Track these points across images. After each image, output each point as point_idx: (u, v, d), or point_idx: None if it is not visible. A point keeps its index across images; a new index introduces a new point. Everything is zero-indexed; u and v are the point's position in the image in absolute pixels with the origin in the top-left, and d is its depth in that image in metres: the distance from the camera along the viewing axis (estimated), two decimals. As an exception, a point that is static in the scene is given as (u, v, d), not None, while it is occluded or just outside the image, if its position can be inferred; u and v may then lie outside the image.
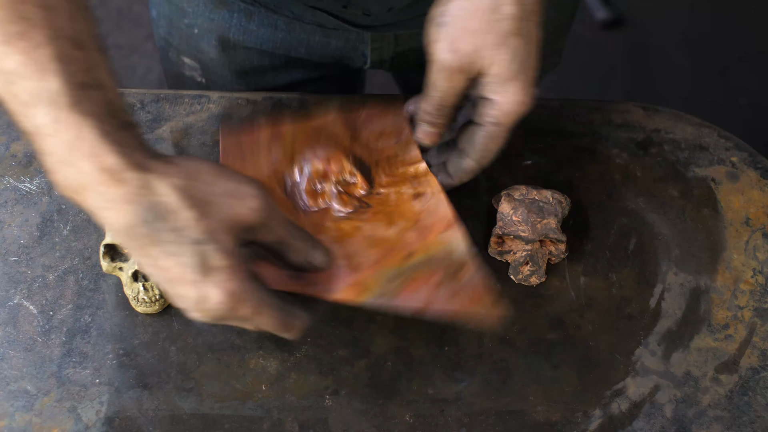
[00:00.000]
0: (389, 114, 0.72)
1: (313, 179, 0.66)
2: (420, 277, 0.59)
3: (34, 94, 0.49)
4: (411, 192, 0.66)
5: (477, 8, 0.60)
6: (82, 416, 0.59)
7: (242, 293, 0.51)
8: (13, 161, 0.73)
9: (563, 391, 0.61)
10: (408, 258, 0.61)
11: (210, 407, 0.59)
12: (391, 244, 0.62)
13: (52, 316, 0.64)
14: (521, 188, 0.68)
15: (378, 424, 0.59)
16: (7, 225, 0.69)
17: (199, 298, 0.51)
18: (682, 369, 0.62)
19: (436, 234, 0.62)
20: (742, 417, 0.59)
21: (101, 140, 0.50)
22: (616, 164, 0.73)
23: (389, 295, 0.58)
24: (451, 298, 0.58)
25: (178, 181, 0.52)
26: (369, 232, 0.63)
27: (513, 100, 0.60)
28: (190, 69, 0.88)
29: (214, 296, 0.51)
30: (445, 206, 0.64)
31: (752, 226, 0.69)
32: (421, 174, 0.67)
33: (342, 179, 0.66)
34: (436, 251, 0.61)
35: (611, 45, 1.95)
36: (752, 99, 1.87)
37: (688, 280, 0.66)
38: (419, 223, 0.63)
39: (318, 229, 0.64)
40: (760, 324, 0.64)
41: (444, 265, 0.60)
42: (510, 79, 0.60)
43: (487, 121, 0.61)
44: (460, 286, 0.59)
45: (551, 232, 0.65)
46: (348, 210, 0.65)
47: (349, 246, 0.62)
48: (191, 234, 0.51)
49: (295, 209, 0.66)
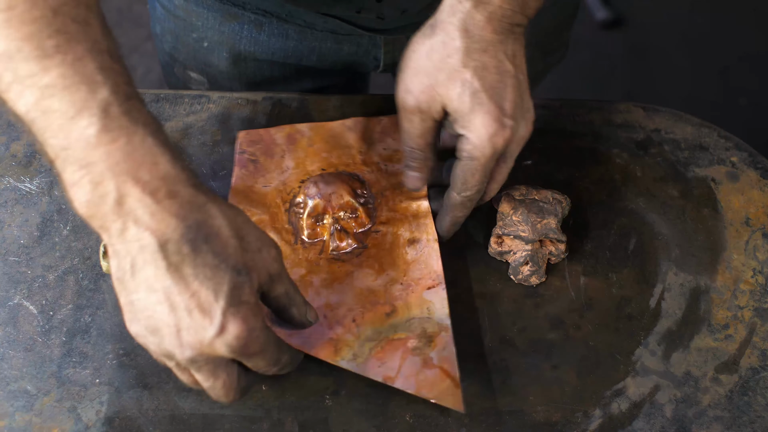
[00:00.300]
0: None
1: (313, 213, 0.67)
2: (396, 340, 0.60)
3: (80, 106, 0.48)
4: (407, 236, 0.67)
5: (431, 48, 0.60)
6: (82, 416, 0.59)
7: (259, 331, 0.51)
8: (13, 161, 0.73)
9: (563, 391, 0.61)
10: (389, 316, 0.62)
11: (210, 407, 0.59)
12: (376, 298, 0.63)
13: (52, 316, 0.64)
14: (521, 188, 0.68)
15: (378, 424, 0.59)
16: (7, 225, 0.69)
17: (219, 328, 0.50)
18: (682, 369, 0.62)
19: (422, 290, 0.63)
20: (742, 417, 0.59)
21: (157, 149, 0.50)
22: (616, 164, 0.73)
23: (363, 357, 0.60)
24: (422, 368, 0.59)
25: (227, 209, 0.52)
26: (358, 280, 0.64)
27: (480, 134, 0.59)
28: (197, 83, 0.89)
29: (235, 329, 0.50)
30: (436, 259, 0.65)
31: (752, 226, 0.69)
32: (422, 214, 0.68)
33: (343, 215, 0.67)
34: (417, 312, 0.62)
35: (611, 45, 1.95)
36: (752, 99, 1.87)
37: (688, 280, 0.66)
38: (408, 275, 0.64)
39: (311, 265, 0.65)
40: (760, 324, 0.64)
41: (421, 330, 0.61)
42: (470, 112, 0.59)
43: (463, 155, 0.61)
44: (432, 355, 0.59)
45: (551, 232, 0.65)
46: (343, 249, 0.66)
47: (335, 293, 0.63)
48: (233, 263, 0.51)
49: (293, 235, 0.67)
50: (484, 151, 0.59)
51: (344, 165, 0.71)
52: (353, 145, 0.73)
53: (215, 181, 0.71)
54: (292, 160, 0.72)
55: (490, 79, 0.59)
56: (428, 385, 0.58)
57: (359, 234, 0.67)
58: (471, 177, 0.61)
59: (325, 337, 0.61)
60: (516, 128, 0.60)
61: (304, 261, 0.65)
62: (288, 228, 0.68)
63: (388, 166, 0.71)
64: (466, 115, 0.59)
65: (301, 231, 0.67)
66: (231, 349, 0.51)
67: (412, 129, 0.63)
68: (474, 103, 0.59)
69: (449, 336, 0.60)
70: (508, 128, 0.59)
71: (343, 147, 0.73)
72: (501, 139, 0.59)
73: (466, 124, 0.59)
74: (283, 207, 0.69)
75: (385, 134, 0.73)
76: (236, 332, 0.50)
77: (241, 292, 0.51)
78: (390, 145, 0.73)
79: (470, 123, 0.59)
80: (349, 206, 0.67)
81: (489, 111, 0.59)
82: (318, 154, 0.72)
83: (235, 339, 0.50)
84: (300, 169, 0.71)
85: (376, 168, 0.71)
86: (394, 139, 0.73)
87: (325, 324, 0.62)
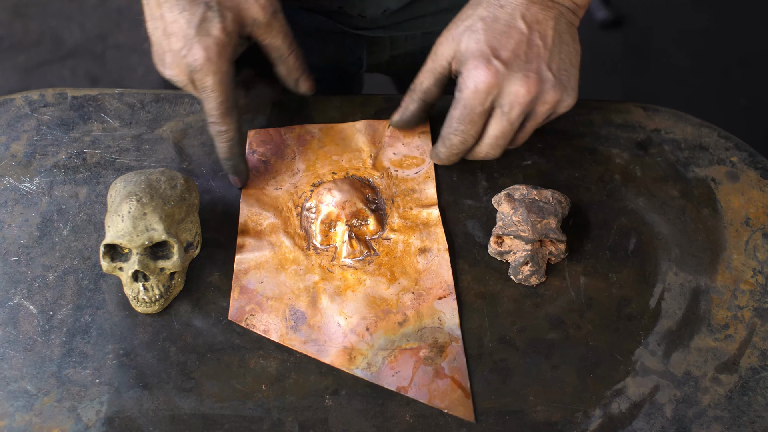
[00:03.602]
0: (416, 132, 0.73)
1: (326, 220, 0.67)
2: (408, 350, 0.61)
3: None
4: (418, 245, 0.67)
5: (465, 7, 0.67)
6: (82, 416, 0.59)
7: (217, 67, 0.62)
8: (13, 161, 0.73)
9: (563, 391, 0.61)
10: (401, 325, 0.63)
11: (210, 407, 0.59)
12: (389, 306, 0.64)
13: (52, 316, 0.64)
14: (521, 188, 0.68)
15: (378, 424, 0.59)
16: (7, 225, 0.68)
17: (182, 49, 0.62)
18: (682, 369, 0.62)
19: (433, 300, 0.64)
20: (742, 417, 0.59)
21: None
22: (616, 164, 0.73)
23: (377, 366, 0.61)
24: (433, 378, 0.60)
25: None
26: (370, 288, 0.65)
27: (472, 75, 0.64)
28: None
29: (195, 52, 0.62)
30: (446, 269, 0.65)
31: (752, 226, 0.69)
32: (432, 222, 0.68)
33: (355, 222, 0.67)
34: (429, 321, 0.63)
35: (611, 45, 1.95)
36: (752, 99, 1.87)
37: (688, 280, 0.66)
38: (419, 284, 0.65)
39: (324, 272, 0.66)
40: (760, 324, 0.64)
41: (432, 339, 0.62)
42: (465, 50, 0.64)
43: (457, 94, 0.65)
44: (443, 365, 0.61)
45: (551, 232, 0.65)
46: (356, 257, 0.66)
47: (349, 301, 0.64)
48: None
49: (306, 240, 0.68)
50: (473, 93, 0.64)
51: (354, 169, 0.72)
52: (363, 148, 0.73)
53: (215, 181, 0.71)
54: (302, 162, 0.72)
55: (495, 27, 0.64)
56: (440, 395, 0.59)
57: (370, 241, 0.67)
58: (459, 114, 0.65)
59: (339, 345, 0.62)
60: (509, 77, 0.63)
61: (317, 267, 0.66)
62: (300, 233, 0.68)
63: (399, 171, 0.72)
64: (463, 54, 0.65)
65: (313, 236, 0.67)
66: (191, 70, 0.63)
67: (425, 67, 0.69)
68: (471, 42, 0.64)
69: (460, 346, 0.61)
70: (493, 71, 0.63)
71: (353, 150, 0.73)
72: (484, 79, 0.63)
73: (462, 61, 0.65)
74: (295, 211, 0.69)
75: (394, 138, 0.74)
76: (196, 55, 0.62)
77: (209, 25, 0.62)
78: (400, 150, 0.73)
79: (465, 61, 0.65)
80: (362, 214, 0.67)
81: (481, 52, 0.64)
82: (328, 157, 0.72)
83: (193, 61, 0.62)
84: (311, 172, 0.72)
85: (386, 173, 0.72)
86: (404, 144, 0.73)
87: (340, 332, 0.62)
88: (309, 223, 0.68)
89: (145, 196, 0.62)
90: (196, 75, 0.63)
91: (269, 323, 0.63)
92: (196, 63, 0.62)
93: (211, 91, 0.64)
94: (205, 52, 0.62)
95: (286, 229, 0.68)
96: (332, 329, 0.62)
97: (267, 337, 0.62)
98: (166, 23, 0.63)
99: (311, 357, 0.61)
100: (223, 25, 0.62)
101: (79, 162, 0.73)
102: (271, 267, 0.66)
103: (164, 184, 0.63)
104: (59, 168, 0.72)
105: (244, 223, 0.68)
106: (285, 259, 0.66)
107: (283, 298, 0.64)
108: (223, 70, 0.63)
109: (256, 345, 0.62)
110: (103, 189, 0.71)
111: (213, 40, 0.62)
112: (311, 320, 0.63)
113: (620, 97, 1.85)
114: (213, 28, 0.62)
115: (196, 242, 0.65)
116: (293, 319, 0.63)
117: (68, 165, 0.72)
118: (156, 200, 0.62)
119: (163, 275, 0.63)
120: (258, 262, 0.66)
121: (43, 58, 1.92)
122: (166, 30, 0.64)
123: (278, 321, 0.63)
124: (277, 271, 0.66)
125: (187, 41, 0.62)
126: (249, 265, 0.66)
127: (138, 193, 0.62)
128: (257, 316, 0.63)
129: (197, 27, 0.62)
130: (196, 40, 0.62)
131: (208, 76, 0.63)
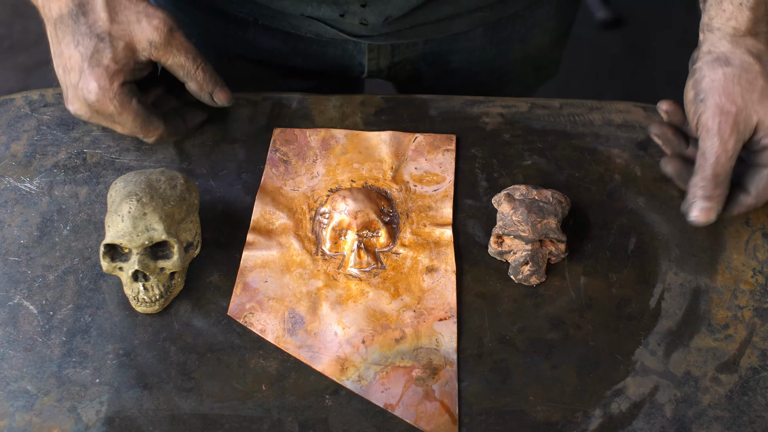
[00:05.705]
0: (440, 149, 0.73)
1: (338, 227, 0.67)
2: (401, 368, 0.61)
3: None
4: (426, 263, 0.67)
5: (729, 75, 0.64)
6: (82, 416, 0.59)
7: (113, 93, 0.65)
8: (13, 161, 0.73)
9: (563, 391, 0.61)
10: (397, 342, 0.62)
11: (210, 407, 0.59)
12: (388, 322, 0.63)
13: (52, 316, 0.64)
14: (521, 188, 0.68)
15: (378, 424, 0.59)
16: (7, 225, 0.69)
17: (80, 85, 0.65)
18: (682, 369, 0.62)
19: (433, 320, 0.64)
20: (742, 417, 0.59)
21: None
22: (616, 164, 0.73)
23: (367, 380, 0.60)
24: (422, 399, 0.59)
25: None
26: (372, 301, 0.65)
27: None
28: None
29: (89, 83, 0.64)
30: (451, 291, 0.65)
31: (752, 226, 0.69)
32: (443, 242, 0.68)
33: (366, 233, 0.67)
34: (426, 342, 0.63)
35: (611, 45, 1.95)
36: (752, 99, 1.87)
37: (688, 280, 0.66)
38: (421, 303, 0.64)
39: (329, 279, 0.66)
40: (760, 324, 0.64)
41: (427, 360, 0.61)
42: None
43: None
44: (434, 387, 0.60)
45: (551, 232, 0.65)
46: (362, 267, 0.66)
47: (349, 311, 0.64)
48: (97, 30, 0.64)
49: (315, 245, 0.67)
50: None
51: (374, 179, 0.72)
52: (385, 159, 0.73)
53: (215, 180, 0.71)
54: (323, 167, 0.72)
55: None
56: (426, 418, 0.59)
57: (379, 253, 0.67)
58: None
59: (333, 354, 0.62)
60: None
61: (322, 273, 0.66)
62: (311, 237, 0.68)
63: (418, 187, 0.71)
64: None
65: (323, 242, 0.67)
66: (89, 102, 0.65)
67: (724, 153, 0.64)
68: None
69: (453, 371, 0.61)
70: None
71: (375, 160, 0.73)
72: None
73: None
74: (309, 215, 0.69)
75: (418, 153, 0.73)
76: (91, 89, 0.64)
77: (100, 56, 0.64)
78: (422, 165, 0.73)
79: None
80: (374, 225, 0.67)
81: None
82: (349, 164, 0.72)
83: (89, 95, 0.65)
84: (330, 177, 0.72)
85: (405, 187, 0.71)
86: (426, 160, 0.73)
87: (335, 341, 0.62)
88: (321, 228, 0.68)
89: (145, 196, 0.62)
90: (96, 106, 0.65)
91: (267, 323, 0.63)
92: (90, 94, 0.65)
93: (118, 114, 0.66)
94: (97, 82, 0.64)
95: (297, 232, 0.68)
96: (328, 337, 0.62)
97: (263, 337, 0.62)
98: (65, 59, 0.65)
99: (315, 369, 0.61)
100: (113, 54, 0.64)
101: (79, 162, 0.73)
102: (277, 267, 0.66)
103: (164, 184, 0.63)
104: (59, 168, 0.72)
105: (257, 220, 0.68)
106: (292, 261, 0.66)
107: (285, 300, 0.64)
108: (122, 92, 0.65)
109: (256, 345, 0.62)
110: (103, 189, 0.71)
111: (103, 70, 0.64)
112: (309, 326, 0.63)
113: (620, 97, 1.85)
114: (104, 58, 0.64)
115: (196, 242, 0.65)
116: (291, 322, 0.63)
117: (68, 165, 0.72)
118: (156, 200, 0.62)
119: (163, 275, 0.63)
120: (264, 261, 0.66)
121: (43, 58, 1.92)
122: (65, 66, 0.65)
123: (276, 322, 0.63)
124: (282, 272, 0.66)
125: (81, 74, 0.64)
126: (255, 262, 0.66)
127: (138, 193, 0.62)
128: (256, 315, 0.63)
129: (89, 59, 0.64)
130: (88, 72, 0.64)
131: (109, 103, 0.65)
